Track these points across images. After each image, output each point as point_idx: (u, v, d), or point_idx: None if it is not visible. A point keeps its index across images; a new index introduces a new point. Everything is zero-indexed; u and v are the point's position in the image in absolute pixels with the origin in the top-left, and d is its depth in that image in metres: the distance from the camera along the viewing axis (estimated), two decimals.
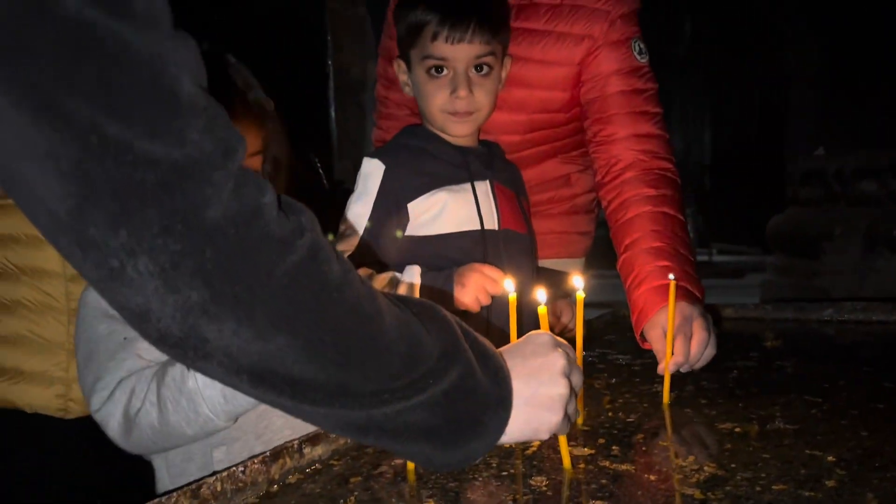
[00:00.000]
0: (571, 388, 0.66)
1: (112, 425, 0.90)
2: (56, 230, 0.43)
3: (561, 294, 1.29)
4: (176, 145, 0.43)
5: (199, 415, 0.88)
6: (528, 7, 1.32)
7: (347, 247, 1.18)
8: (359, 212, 1.19)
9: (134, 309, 0.45)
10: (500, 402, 0.61)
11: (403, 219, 1.20)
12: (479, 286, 1.09)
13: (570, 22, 1.30)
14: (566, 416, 0.66)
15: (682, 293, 1.09)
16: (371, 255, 1.18)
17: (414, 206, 1.19)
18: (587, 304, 0.87)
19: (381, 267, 1.16)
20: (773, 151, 7.67)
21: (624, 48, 1.31)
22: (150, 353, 0.93)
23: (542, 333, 0.69)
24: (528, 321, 1.15)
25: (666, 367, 1.00)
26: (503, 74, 1.25)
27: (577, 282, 0.87)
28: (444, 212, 1.19)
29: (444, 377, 0.56)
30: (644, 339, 1.15)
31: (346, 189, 1.54)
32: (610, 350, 1.27)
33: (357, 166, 1.25)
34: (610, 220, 1.29)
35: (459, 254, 1.18)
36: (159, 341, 0.46)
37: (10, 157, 0.42)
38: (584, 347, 0.91)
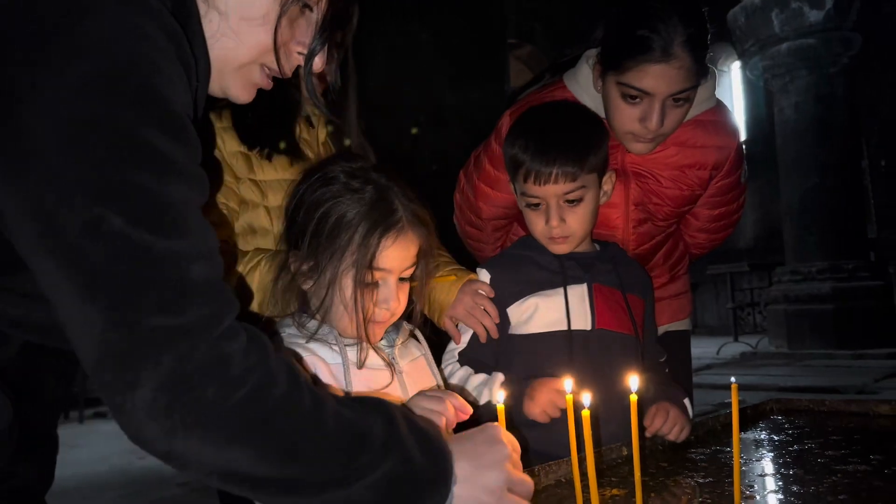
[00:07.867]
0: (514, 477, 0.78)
1: None
2: (90, 372, 0.62)
3: (663, 395, 1.27)
4: (177, 316, 0.61)
5: None
6: None
7: (460, 343, 1.36)
8: None
9: (132, 433, 0.62)
10: (437, 478, 0.74)
11: (505, 321, 1.35)
12: (547, 401, 1.18)
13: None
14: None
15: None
16: (479, 352, 1.34)
17: (511, 311, 1.35)
18: None
19: (480, 367, 1.32)
20: None
21: None
22: None
23: (494, 426, 0.82)
24: (618, 416, 1.21)
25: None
26: (606, 188, 1.37)
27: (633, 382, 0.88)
28: (535, 315, 1.32)
29: (382, 463, 0.70)
30: None
31: None
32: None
33: None
34: None
35: (547, 352, 1.30)
36: (153, 454, 0.63)
37: (66, 322, 0.63)
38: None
